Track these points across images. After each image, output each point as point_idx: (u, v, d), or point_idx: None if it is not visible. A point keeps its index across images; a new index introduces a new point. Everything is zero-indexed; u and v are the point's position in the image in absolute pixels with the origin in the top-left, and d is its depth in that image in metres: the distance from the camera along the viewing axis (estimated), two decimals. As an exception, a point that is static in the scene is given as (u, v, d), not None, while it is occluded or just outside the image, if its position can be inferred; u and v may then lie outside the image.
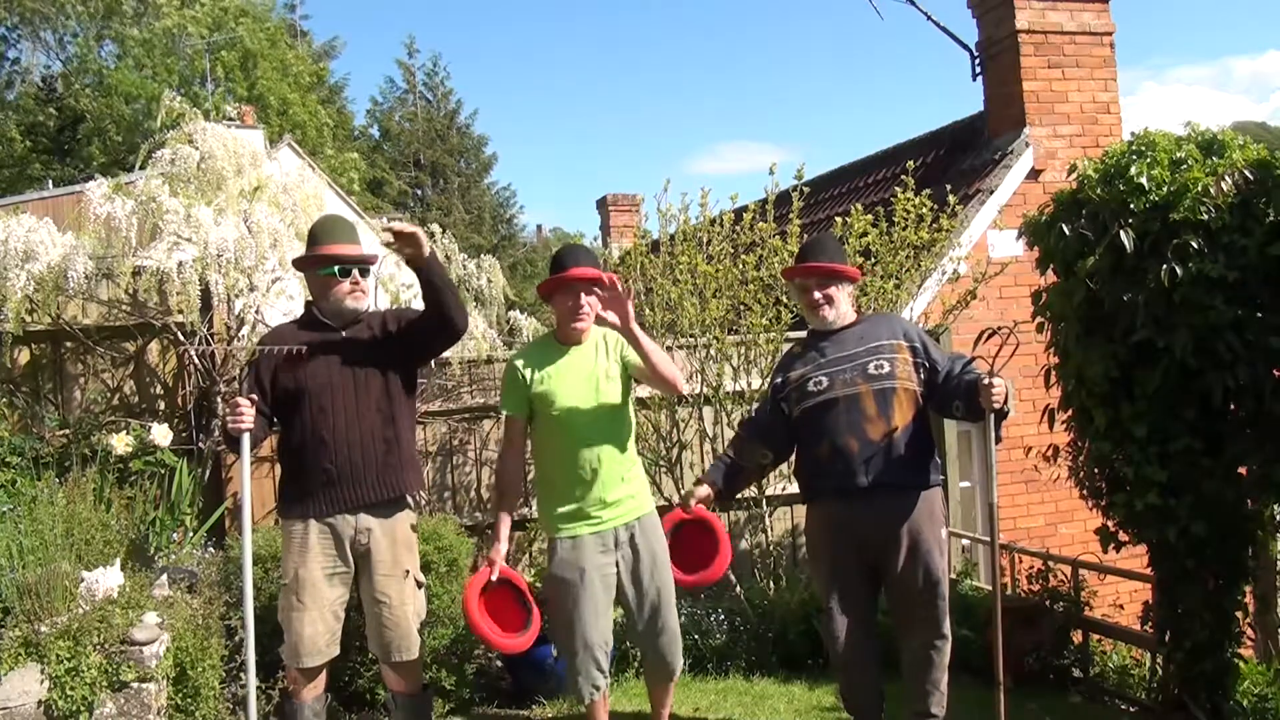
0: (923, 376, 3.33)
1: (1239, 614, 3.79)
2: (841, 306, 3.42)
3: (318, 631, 3.17)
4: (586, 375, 3.33)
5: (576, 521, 3.31)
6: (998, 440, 3.23)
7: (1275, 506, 3.76)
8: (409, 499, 3.34)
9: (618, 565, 3.34)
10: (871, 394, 3.27)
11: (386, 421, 3.25)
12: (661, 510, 3.52)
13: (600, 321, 3.38)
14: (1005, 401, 3.15)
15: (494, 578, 3.31)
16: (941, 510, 3.40)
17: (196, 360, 4.64)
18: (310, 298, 3.39)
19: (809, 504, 3.51)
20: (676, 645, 3.45)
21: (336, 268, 3.23)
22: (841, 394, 3.28)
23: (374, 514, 3.22)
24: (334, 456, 3.16)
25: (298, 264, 3.45)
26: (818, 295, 3.39)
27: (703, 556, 3.52)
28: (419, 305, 4.83)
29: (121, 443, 4.20)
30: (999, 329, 3.25)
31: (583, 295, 3.30)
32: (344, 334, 3.27)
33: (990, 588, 4.96)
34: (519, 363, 3.37)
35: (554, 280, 3.32)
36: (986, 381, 3.13)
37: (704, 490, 3.49)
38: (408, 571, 3.28)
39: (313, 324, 3.30)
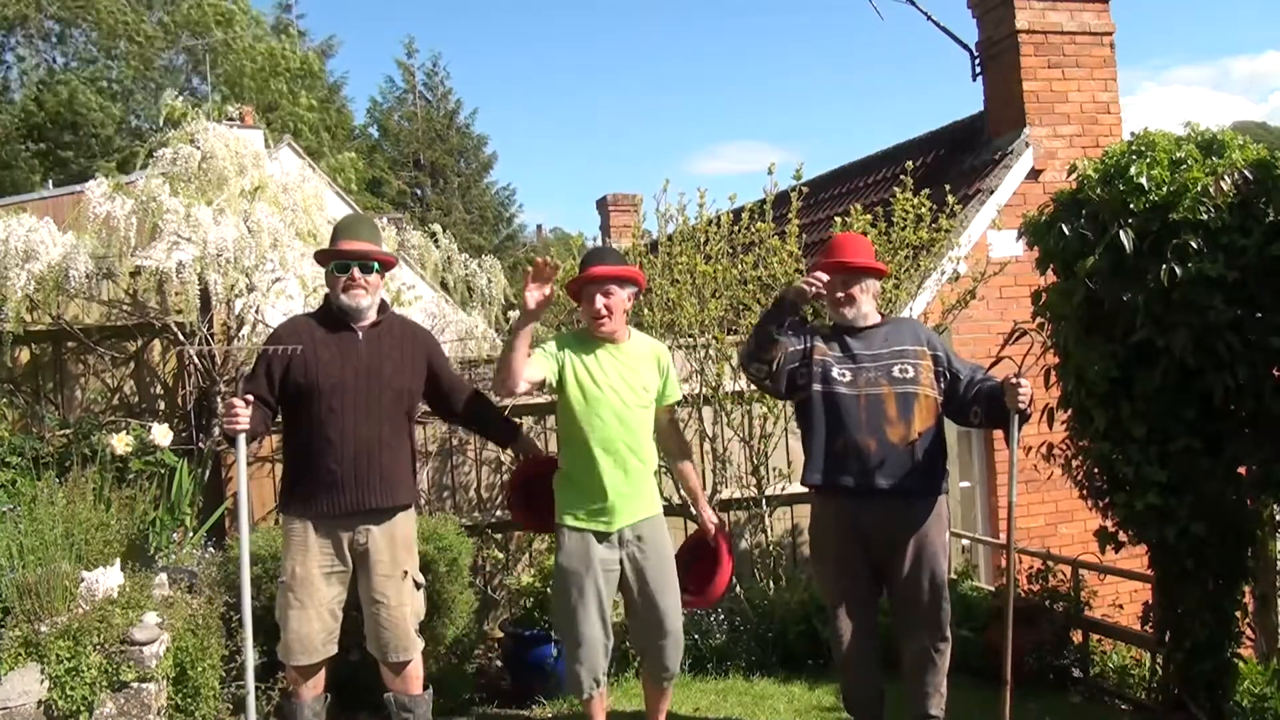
0: (943, 385, 3.35)
1: (1239, 614, 3.79)
2: (863, 306, 3.43)
3: (314, 630, 3.17)
4: (623, 375, 3.37)
5: (586, 515, 3.34)
6: (1016, 441, 3.23)
7: (1275, 506, 3.76)
8: (410, 505, 3.35)
9: (623, 564, 3.37)
10: (894, 397, 3.27)
11: (395, 429, 3.25)
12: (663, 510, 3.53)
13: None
14: (1029, 404, 3.16)
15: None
16: (946, 515, 3.42)
17: (196, 360, 4.64)
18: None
19: (817, 497, 3.49)
20: (676, 650, 3.47)
21: (334, 264, 3.25)
22: (864, 392, 3.28)
23: (374, 519, 3.22)
24: (339, 458, 3.15)
25: (319, 262, 3.48)
26: (839, 295, 3.41)
27: (704, 577, 3.64)
28: (418, 307, 4.84)
29: (121, 443, 4.20)
30: (1027, 330, 3.25)
31: (598, 297, 3.33)
32: (361, 334, 3.26)
33: (991, 587, 4.98)
34: (552, 343, 3.43)
35: (578, 280, 3.39)
36: (1014, 381, 3.14)
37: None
38: (406, 572, 3.28)
39: (330, 319, 3.30)
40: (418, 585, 3.34)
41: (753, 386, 5.15)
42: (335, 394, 3.17)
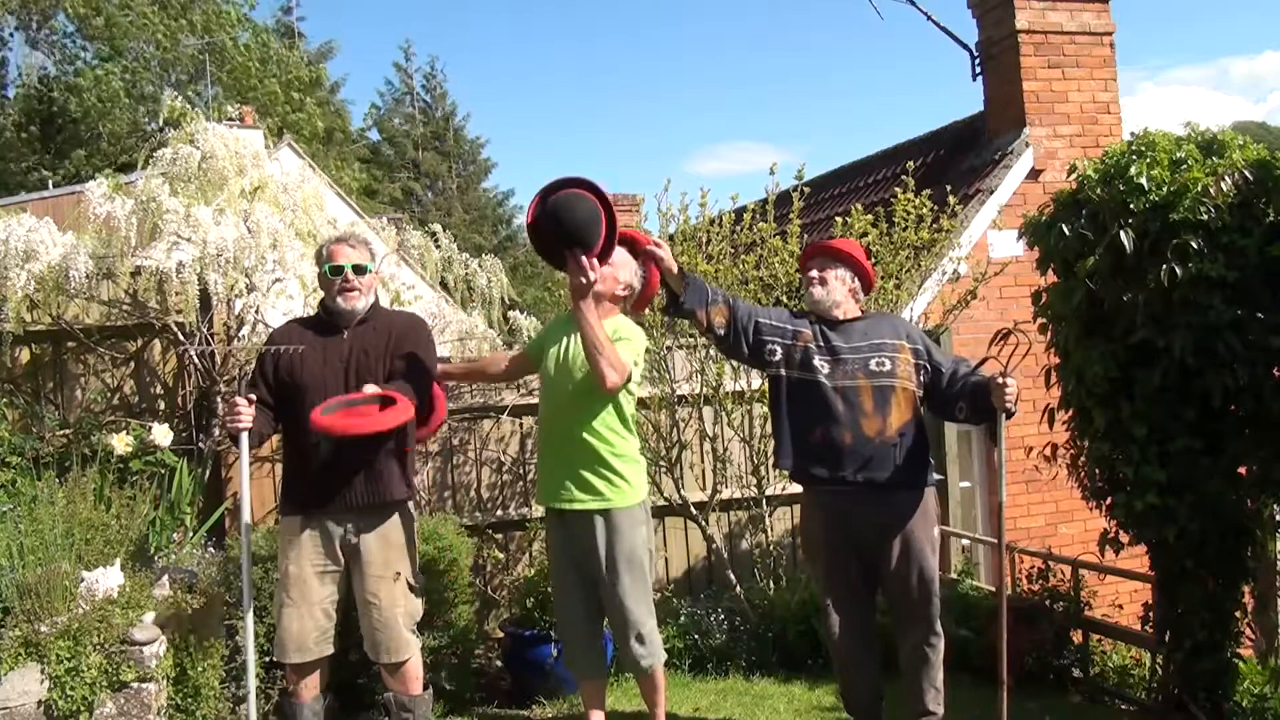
0: (922, 379, 3.34)
1: (1238, 614, 3.79)
2: (836, 294, 3.42)
3: (305, 628, 3.18)
4: (576, 354, 3.37)
5: (547, 495, 3.46)
6: (1003, 440, 3.23)
7: (1275, 506, 3.76)
8: (403, 504, 3.33)
9: (589, 554, 3.39)
10: (870, 390, 3.27)
11: None
12: (659, 510, 3.53)
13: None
14: (1015, 402, 3.17)
15: None
16: (934, 509, 3.40)
17: (196, 360, 4.63)
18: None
19: (805, 495, 3.53)
20: (641, 645, 3.43)
21: (328, 266, 3.29)
22: (841, 384, 3.28)
23: (363, 517, 3.22)
24: (322, 455, 3.17)
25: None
26: (813, 274, 3.43)
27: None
28: (418, 307, 4.84)
29: (121, 443, 4.20)
30: (1013, 330, 3.26)
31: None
32: (346, 334, 3.29)
33: (991, 587, 4.98)
34: (541, 327, 3.58)
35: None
36: (1000, 381, 3.14)
37: (666, 254, 3.37)
38: (399, 574, 3.28)
39: (318, 322, 3.36)
40: (412, 587, 3.33)
41: (753, 387, 5.17)
42: (317, 392, 3.19)
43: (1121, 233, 3.54)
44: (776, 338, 3.38)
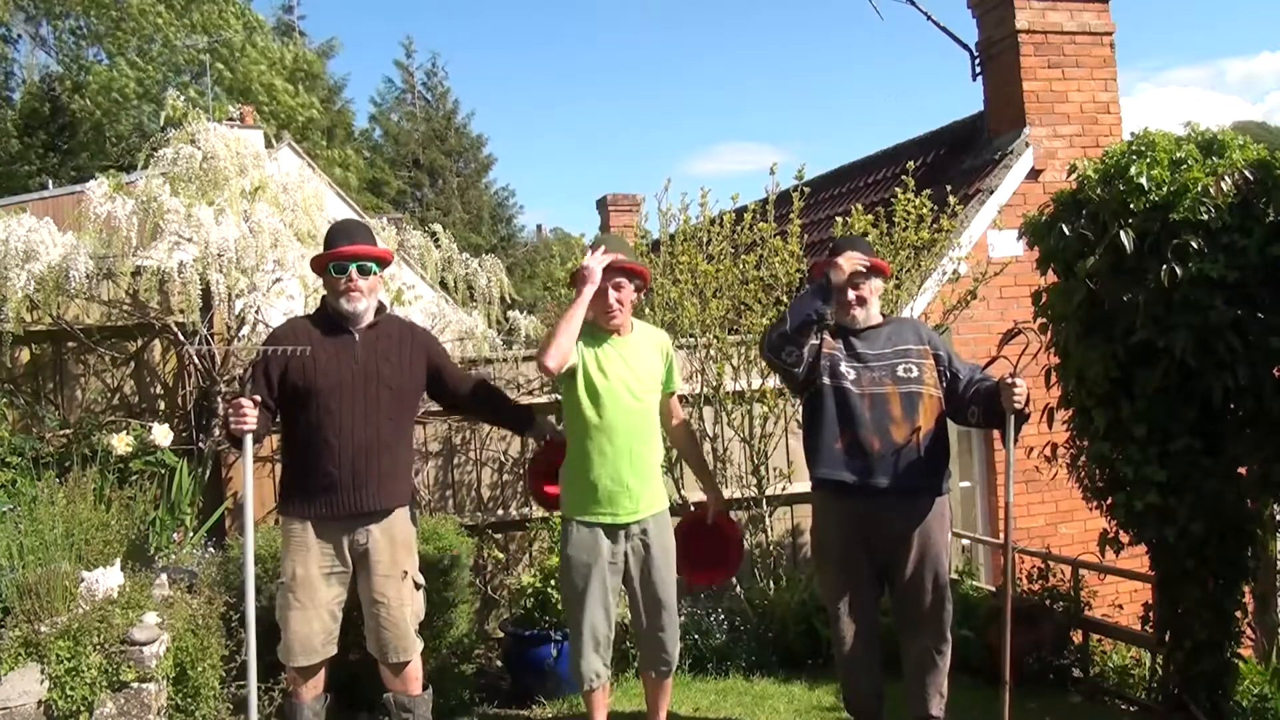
0: (944, 385, 3.34)
1: (1239, 614, 3.79)
2: (873, 310, 3.43)
3: (314, 630, 3.16)
4: (630, 366, 3.39)
5: (598, 508, 3.35)
6: (1015, 442, 3.22)
7: (1275, 506, 3.76)
8: (409, 504, 3.34)
9: (628, 557, 3.38)
10: (899, 396, 3.26)
11: (393, 429, 3.24)
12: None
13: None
14: (1026, 404, 3.16)
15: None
16: (949, 515, 3.41)
17: (197, 360, 4.63)
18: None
19: (820, 498, 3.46)
20: (675, 642, 3.51)
21: (331, 265, 3.23)
22: (869, 391, 3.27)
23: (373, 519, 3.21)
24: (337, 460, 3.15)
25: (314, 269, 3.45)
26: (852, 295, 3.36)
27: (711, 558, 3.73)
28: (418, 307, 4.83)
29: (122, 443, 4.20)
30: (1023, 329, 3.25)
31: (610, 290, 3.35)
32: (358, 335, 3.25)
33: (991, 587, 4.98)
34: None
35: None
36: (1009, 382, 3.13)
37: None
38: (406, 573, 3.28)
39: (326, 321, 3.29)
40: (417, 586, 3.34)
41: (753, 386, 5.17)
42: (333, 396, 3.16)
43: (1121, 233, 3.54)
44: (814, 357, 3.35)
